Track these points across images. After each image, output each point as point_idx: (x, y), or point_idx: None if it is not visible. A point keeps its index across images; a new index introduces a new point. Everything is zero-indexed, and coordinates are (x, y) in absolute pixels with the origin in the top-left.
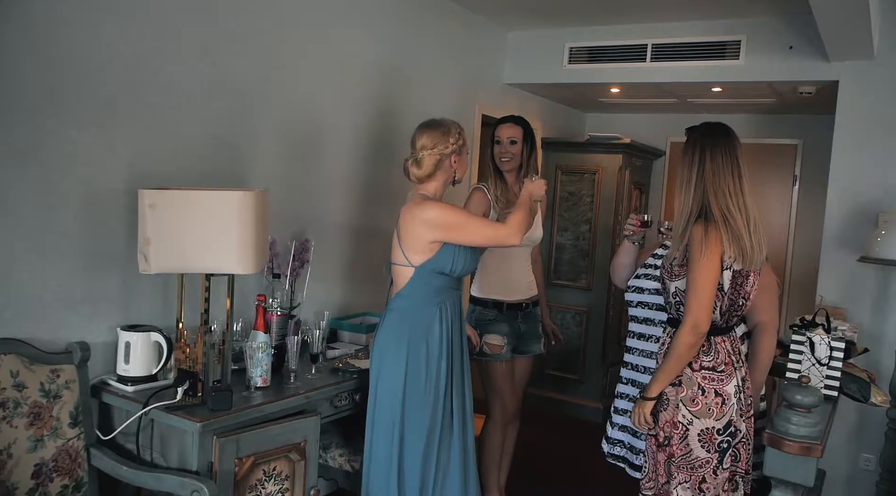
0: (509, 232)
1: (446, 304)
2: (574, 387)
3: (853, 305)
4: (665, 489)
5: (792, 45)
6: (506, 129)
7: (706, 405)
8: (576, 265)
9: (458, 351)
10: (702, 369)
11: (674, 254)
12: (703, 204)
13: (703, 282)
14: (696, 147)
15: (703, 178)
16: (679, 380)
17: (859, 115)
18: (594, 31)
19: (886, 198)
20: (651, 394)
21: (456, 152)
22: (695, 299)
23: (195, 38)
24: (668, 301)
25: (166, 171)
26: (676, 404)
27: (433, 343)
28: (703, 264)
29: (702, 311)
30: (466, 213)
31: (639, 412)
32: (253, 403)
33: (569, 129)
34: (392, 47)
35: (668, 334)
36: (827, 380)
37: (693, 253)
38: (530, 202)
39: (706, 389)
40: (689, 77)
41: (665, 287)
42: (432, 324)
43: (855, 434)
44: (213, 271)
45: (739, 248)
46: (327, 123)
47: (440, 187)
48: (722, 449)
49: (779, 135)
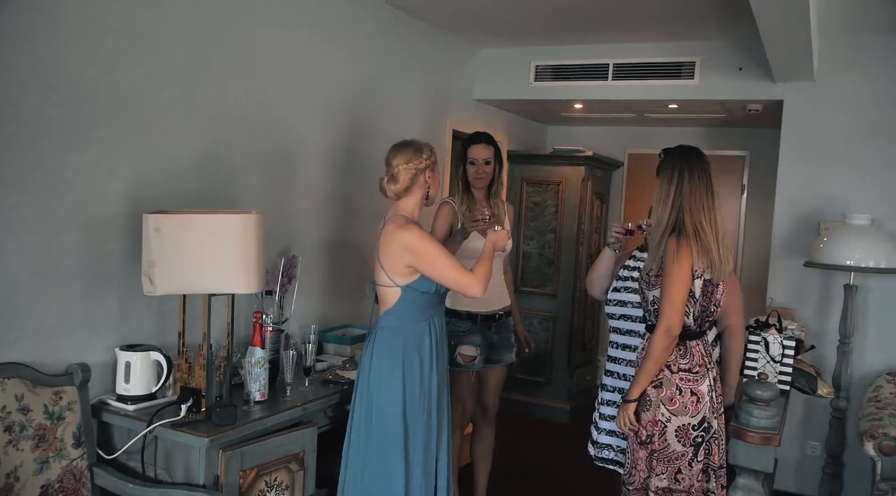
0: (474, 282)
1: (434, 320)
2: (541, 389)
3: (800, 306)
4: (646, 483)
5: (741, 66)
6: (480, 150)
7: (682, 403)
8: (542, 272)
9: (444, 364)
10: (679, 371)
11: (650, 265)
12: (678, 219)
13: (675, 289)
14: (675, 167)
15: (680, 196)
16: (660, 381)
17: (802, 132)
18: (559, 50)
19: (827, 207)
20: (632, 397)
21: (430, 168)
22: (668, 305)
23: (185, 62)
24: (646, 309)
25: (161, 193)
26: (658, 404)
27: (425, 357)
28: (676, 274)
29: (674, 316)
30: (443, 251)
31: (623, 415)
32: (254, 417)
33: (532, 142)
34: (365, 68)
35: (648, 340)
36: (781, 375)
37: (667, 264)
38: (493, 253)
39: (682, 389)
40: (647, 95)
41: (643, 296)
42: (423, 339)
43: (802, 424)
44: (218, 291)
45: (709, 260)
46: (304, 143)
47: (417, 204)
48: (697, 443)
49: (728, 147)
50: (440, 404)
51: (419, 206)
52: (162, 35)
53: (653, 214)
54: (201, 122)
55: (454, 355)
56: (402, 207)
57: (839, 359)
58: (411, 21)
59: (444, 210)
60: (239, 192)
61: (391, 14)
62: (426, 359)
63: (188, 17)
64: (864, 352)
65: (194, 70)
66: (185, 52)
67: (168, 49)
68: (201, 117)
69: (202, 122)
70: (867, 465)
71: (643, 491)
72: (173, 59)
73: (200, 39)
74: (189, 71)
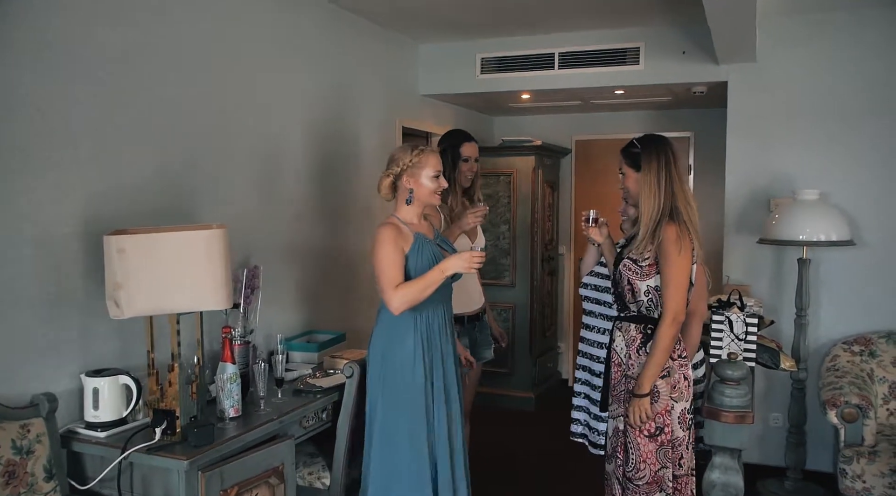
0: (390, 301)
1: (423, 315)
2: (505, 379)
3: (755, 282)
4: (658, 475)
5: (685, 50)
6: (472, 147)
7: (680, 389)
8: (498, 264)
9: (438, 360)
10: (678, 358)
11: (645, 255)
12: (672, 206)
13: (681, 277)
14: (660, 156)
15: (671, 182)
16: (667, 371)
17: (747, 112)
18: (504, 41)
19: (775, 184)
20: (645, 390)
21: (406, 172)
22: (676, 293)
23: (140, 78)
24: (637, 299)
25: (120, 212)
26: (668, 395)
27: (406, 351)
28: (681, 261)
29: (680, 304)
30: (386, 261)
31: (639, 410)
32: (231, 434)
33: (480, 133)
34: (316, 70)
35: (639, 330)
36: (746, 353)
37: (669, 251)
38: (438, 279)
39: (679, 375)
40: (594, 82)
41: (632, 287)
42: (406, 334)
43: (764, 397)
44: (187, 310)
45: (698, 243)
46: (259, 151)
47: (409, 210)
48: (691, 426)
49: (673, 128)
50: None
51: (413, 210)
52: (116, 51)
53: (642, 205)
54: (156, 136)
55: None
56: (397, 209)
57: (797, 331)
58: (356, 19)
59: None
60: (195, 205)
61: (335, 13)
62: (407, 352)
63: (143, 32)
64: (818, 323)
65: (149, 85)
66: (140, 68)
67: (122, 65)
68: (156, 132)
69: (157, 137)
70: (830, 433)
71: (655, 484)
72: (127, 75)
73: (154, 54)
74: (143, 86)
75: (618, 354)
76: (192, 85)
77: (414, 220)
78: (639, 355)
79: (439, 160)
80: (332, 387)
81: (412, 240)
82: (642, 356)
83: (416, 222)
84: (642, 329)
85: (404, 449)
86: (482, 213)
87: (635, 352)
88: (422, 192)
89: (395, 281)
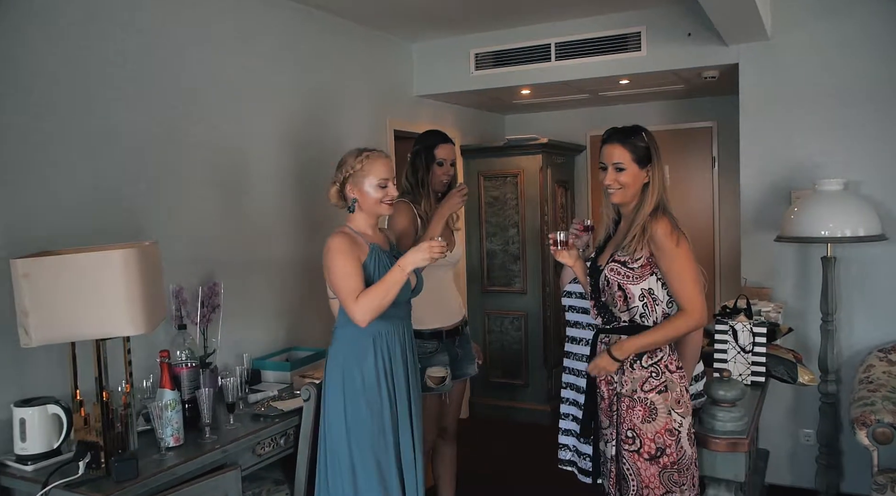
0: (354, 312)
1: (382, 333)
2: (520, 391)
3: (777, 284)
4: None
5: (690, 32)
6: (448, 149)
7: (684, 403)
8: (508, 270)
9: (402, 382)
10: (677, 369)
11: (636, 255)
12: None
13: (687, 269)
14: (653, 149)
15: (660, 177)
16: (664, 385)
17: (762, 96)
18: (497, 35)
19: (797, 175)
20: (620, 357)
21: (349, 180)
22: (694, 287)
23: (70, 87)
24: (629, 307)
25: (51, 232)
26: (668, 411)
27: (368, 372)
28: (685, 252)
29: (695, 298)
30: (343, 271)
31: (602, 365)
32: (164, 467)
33: (490, 134)
34: (296, 75)
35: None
36: (753, 366)
37: (665, 244)
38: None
39: (681, 389)
40: (594, 72)
41: (625, 293)
42: (366, 353)
43: (793, 411)
44: (102, 336)
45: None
46: (232, 160)
47: (360, 219)
48: (695, 441)
49: (694, 119)
50: (402, 424)
51: (367, 220)
52: (42, 59)
53: (648, 200)
54: (93, 150)
55: (423, 379)
56: (349, 218)
57: (823, 338)
58: (336, 21)
59: (403, 208)
60: (145, 222)
61: (309, 15)
62: (369, 374)
63: (76, 37)
64: (851, 328)
65: (83, 95)
66: (71, 76)
67: (48, 72)
68: (92, 145)
69: (94, 151)
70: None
71: None
72: (56, 84)
73: (88, 59)
74: (76, 95)
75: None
76: (136, 89)
77: (367, 230)
78: (632, 370)
79: (388, 166)
80: (293, 410)
81: (367, 250)
82: (636, 371)
83: (369, 233)
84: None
85: (362, 479)
86: (465, 190)
87: (628, 366)
88: (366, 201)
89: (355, 291)
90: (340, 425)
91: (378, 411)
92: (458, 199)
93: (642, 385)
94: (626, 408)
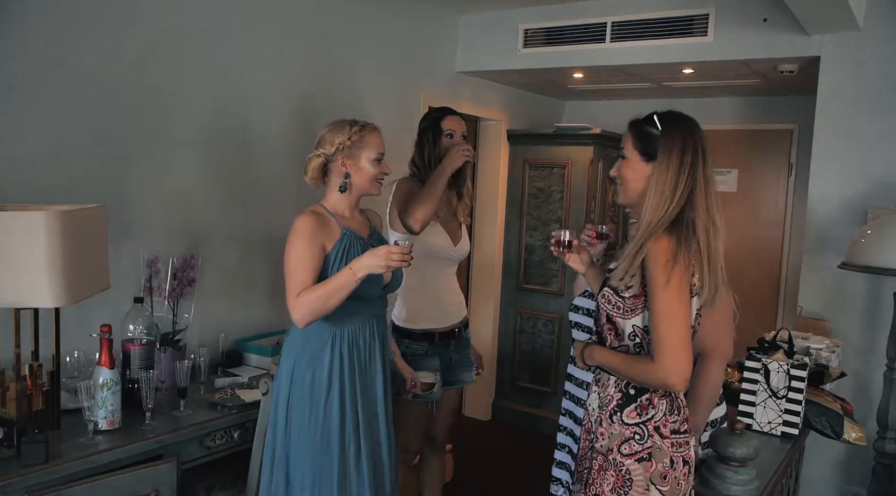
0: (293, 309)
1: (344, 332)
2: (547, 400)
3: (838, 317)
4: None
5: (766, 17)
6: (455, 121)
7: (675, 479)
8: (546, 268)
9: (371, 386)
10: (671, 435)
11: (628, 282)
12: (679, 215)
13: (678, 317)
14: (688, 147)
15: (693, 183)
16: (648, 453)
17: (845, 95)
18: (549, 10)
19: (876, 192)
20: (588, 362)
21: (342, 152)
22: (672, 338)
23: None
24: (621, 343)
25: (7, 186)
26: (646, 485)
27: (321, 373)
28: (675, 291)
29: (678, 355)
30: (297, 263)
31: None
32: (84, 453)
33: (544, 120)
34: (323, 42)
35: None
36: (786, 415)
37: (653, 275)
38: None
39: (675, 460)
40: (653, 58)
41: (614, 327)
42: (322, 350)
43: (841, 465)
44: (13, 305)
45: (712, 279)
46: (228, 126)
47: (340, 199)
48: None
49: (772, 119)
50: (366, 434)
51: (347, 199)
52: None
53: (647, 208)
54: (63, 99)
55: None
56: (326, 197)
57: (886, 388)
58: None
59: (408, 185)
60: (123, 185)
61: None
62: (321, 375)
63: None
64: None
65: (79, 37)
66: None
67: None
68: (62, 95)
69: (64, 101)
70: None
71: None
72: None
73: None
74: (55, 37)
75: (588, 416)
76: (115, 37)
77: (345, 211)
78: (611, 424)
79: (382, 140)
80: (254, 403)
81: (338, 235)
82: (616, 426)
83: (347, 215)
84: (622, 387)
85: (297, 491)
86: (468, 147)
87: (607, 418)
88: (361, 177)
89: (301, 285)
90: (281, 431)
91: (328, 425)
92: (458, 154)
93: (620, 445)
94: (598, 469)
